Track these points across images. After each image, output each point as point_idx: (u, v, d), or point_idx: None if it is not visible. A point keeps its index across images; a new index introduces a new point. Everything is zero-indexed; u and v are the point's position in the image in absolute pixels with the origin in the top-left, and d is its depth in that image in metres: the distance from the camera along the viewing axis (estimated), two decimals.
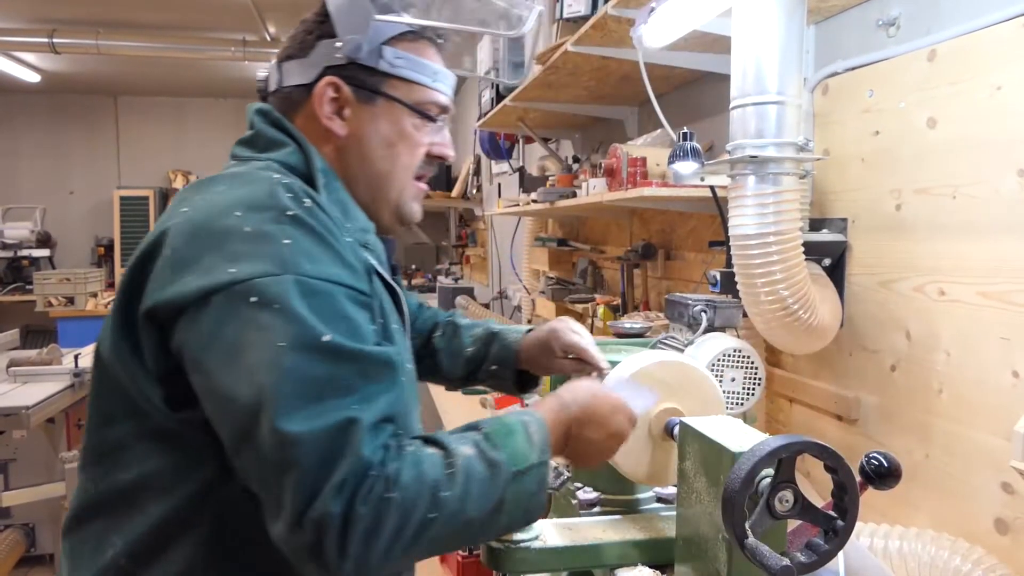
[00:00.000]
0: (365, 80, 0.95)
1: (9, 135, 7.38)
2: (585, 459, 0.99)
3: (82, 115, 7.55)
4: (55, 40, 5.00)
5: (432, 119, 1.00)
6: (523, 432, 0.87)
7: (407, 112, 0.98)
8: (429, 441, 0.84)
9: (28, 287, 6.60)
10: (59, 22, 5.03)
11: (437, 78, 0.99)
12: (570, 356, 1.21)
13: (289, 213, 0.81)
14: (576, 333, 1.20)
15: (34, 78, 6.46)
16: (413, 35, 0.97)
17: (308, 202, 0.83)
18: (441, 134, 1.03)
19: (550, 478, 0.89)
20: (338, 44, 0.93)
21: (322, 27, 0.95)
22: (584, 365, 1.19)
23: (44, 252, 7.08)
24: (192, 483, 0.85)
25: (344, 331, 0.78)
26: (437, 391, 2.75)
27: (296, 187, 0.85)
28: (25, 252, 6.96)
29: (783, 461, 0.80)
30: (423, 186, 1.04)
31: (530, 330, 1.27)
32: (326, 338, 0.76)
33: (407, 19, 0.95)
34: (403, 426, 0.86)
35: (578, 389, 0.99)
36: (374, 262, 0.92)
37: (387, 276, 0.95)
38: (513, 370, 1.27)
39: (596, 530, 1.12)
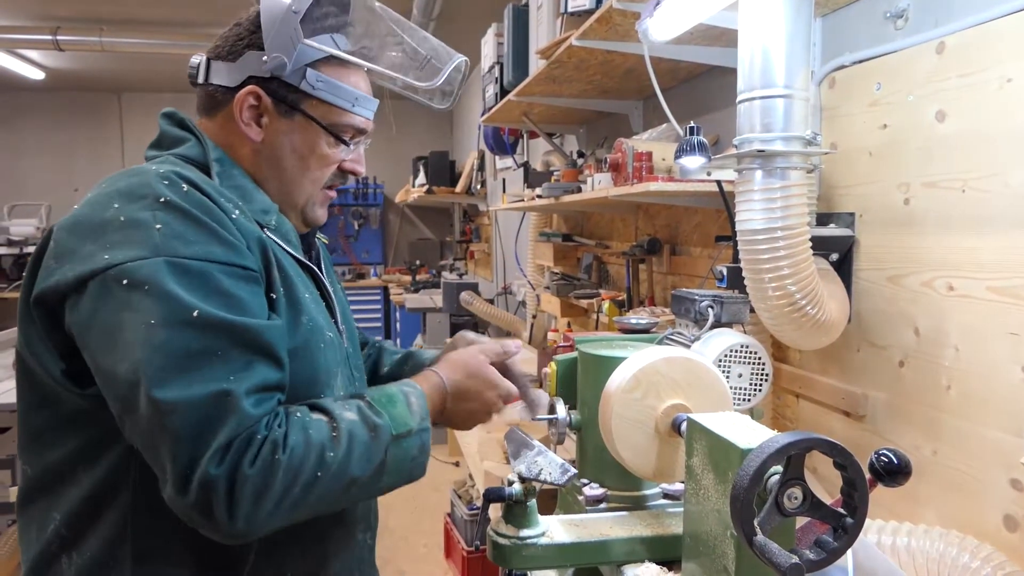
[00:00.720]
0: (286, 95, 1.00)
1: (14, 132, 7.41)
2: (459, 426, 1.11)
3: (86, 112, 7.57)
4: (59, 37, 5.01)
5: (345, 142, 1.05)
6: (404, 400, 0.97)
7: (323, 132, 1.03)
8: (315, 408, 0.91)
9: None
10: (63, 19, 5.03)
11: (357, 103, 1.04)
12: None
13: (162, 200, 0.86)
14: (474, 340, 1.23)
15: (38, 75, 6.47)
16: (329, 58, 1.01)
17: (185, 187, 0.88)
18: (355, 152, 1.09)
19: (429, 443, 0.98)
20: (264, 58, 0.98)
21: (252, 36, 1.00)
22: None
23: None
24: (112, 454, 0.91)
25: (219, 305, 0.83)
26: None
27: (175, 175, 0.89)
28: (31, 248, 6.97)
29: (792, 458, 0.79)
30: (332, 194, 1.10)
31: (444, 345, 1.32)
32: (195, 312, 0.81)
33: (329, 49, 1.00)
34: (312, 392, 0.96)
35: (456, 365, 1.08)
36: (277, 239, 0.99)
37: (296, 253, 1.02)
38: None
39: (603, 526, 1.12)
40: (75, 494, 0.93)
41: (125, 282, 0.82)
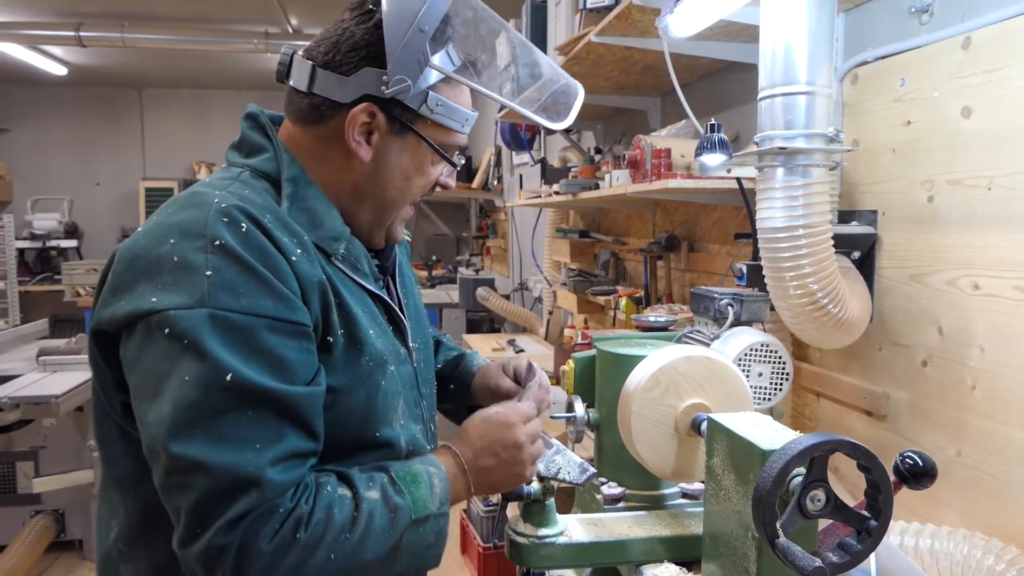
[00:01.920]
0: (401, 115, 0.95)
1: (37, 127, 7.50)
2: (495, 485, 1.01)
3: (108, 107, 7.65)
4: (81, 33, 5.06)
5: (453, 164, 1.03)
6: (427, 482, 0.91)
7: (431, 152, 0.99)
8: (342, 479, 0.88)
9: (56, 277, 6.72)
10: (85, 16, 5.09)
11: (466, 124, 1.00)
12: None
13: (217, 243, 0.82)
14: (502, 387, 1.21)
15: (61, 71, 6.54)
16: (447, 80, 0.97)
17: (244, 226, 0.84)
18: (450, 168, 1.05)
19: (447, 531, 0.93)
20: (385, 78, 0.92)
21: (370, 50, 0.92)
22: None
23: (72, 243, 7.20)
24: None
25: (258, 367, 0.80)
26: None
27: (237, 210, 0.85)
28: (53, 243, 7.08)
29: (815, 460, 0.79)
30: (411, 210, 1.07)
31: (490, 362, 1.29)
32: (229, 376, 0.78)
33: (461, 78, 0.96)
34: (367, 426, 0.94)
35: (482, 438, 1.00)
36: (345, 269, 0.96)
37: (365, 283, 0.98)
38: (465, 393, 1.27)
39: (621, 526, 1.12)
40: (131, 510, 0.93)
41: (167, 331, 0.79)
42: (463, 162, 1.09)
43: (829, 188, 1.34)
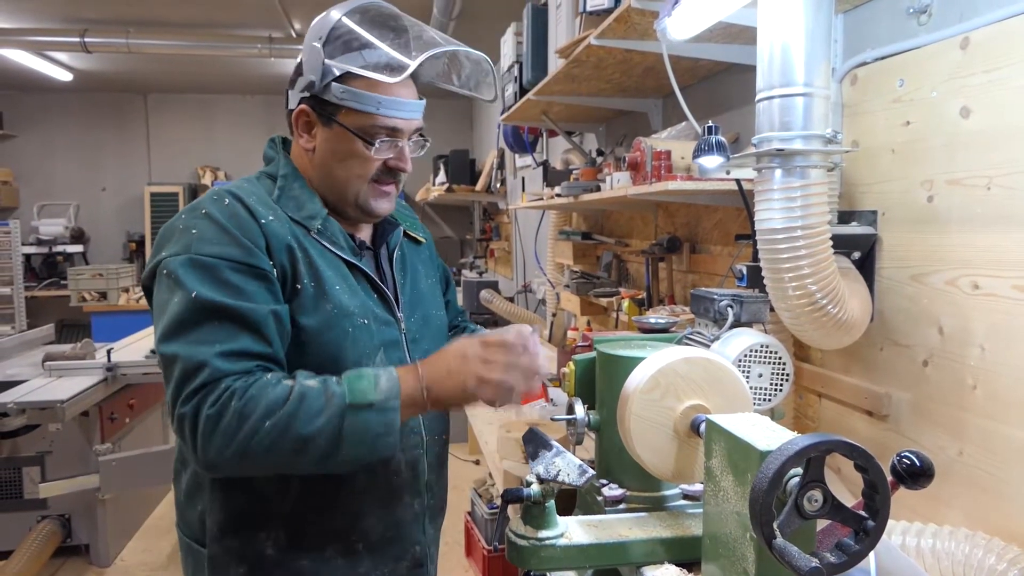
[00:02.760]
0: (323, 109, 1.21)
1: (43, 133, 7.54)
2: (445, 388, 1.12)
3: (113, 113, 7.68)
4: (87, 39, 5.09)
5: (370, 143, 1.21)
6: (371, 378, 1.09)
7: (353, 135, 1.21)
8: (290, 376, 1.09)
9: (62, 282, 6.75)
10: (90, 22, 5.11)
11: (380, 107, 1.19)
12: None
13: (203, 211, 1.14)
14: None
15: (66, 77, 6.58)
16: (366, 69, 1.18)
17: (227, 200, 1.15)
18: (396, 150, 1.24)
19: (396, 424, 1.07)
20: (302, 80, 1.21)
21: (300, 65, 1.22)
22: None
23: (78, 248, 7.23)
24: None
25: (219, 291, 1.07)
26: None
27: (226, 192, 1.17)
28: (59, 248, 7.11)
29: (812, 460, 0.79)
30: (385, 188, 1.27)
31: None
32: (194, 294, 1.07)
33: (345, 66, 1.18)
34: (338, 369, 1.12)
35: (443, 351, 1.17)
36: (324, 243, 1.21)
37: (339, 252, 1.22)
38: None
39: (622, 527, 1.12)
40: (189, 470, 1.26)
41: (165, 272, 1.10)
42: (412, 142, 1.27)
43: (828, 189, 1.34)
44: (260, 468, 1.09)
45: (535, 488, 1.05)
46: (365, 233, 1.35)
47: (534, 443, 1.13)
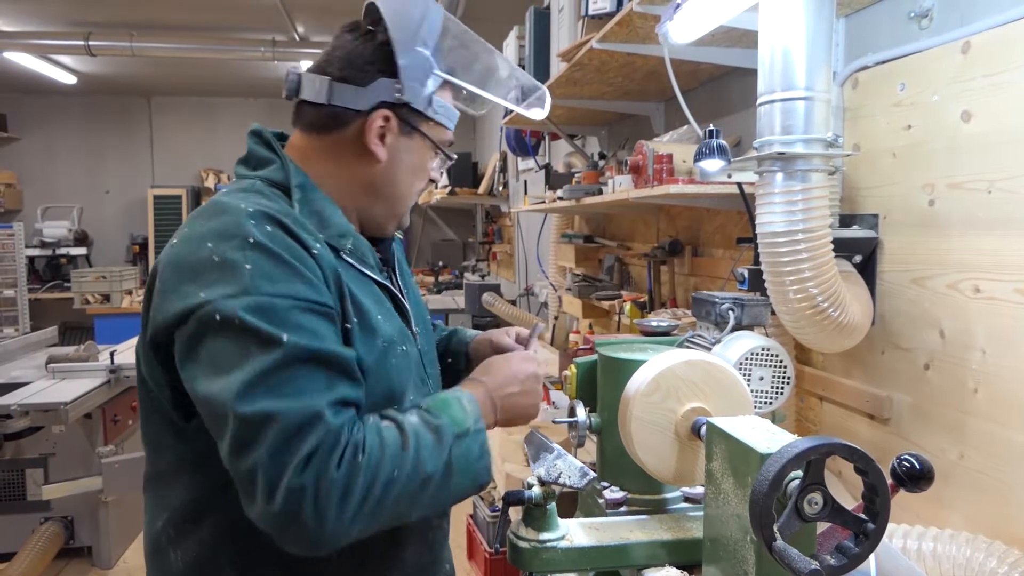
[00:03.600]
0: (410, 118, 1.08)
1: (47, 136, 7.57)
2: (518, 412, 1.12)
3: (117, 116, 7.71)
4: (90, 43, 5.11)
5: (450, 157, 1.16)
6: (457, 404, 1.01)
7: (433, 149, 1.13)
8: (383, 416, 0.97)
9: (66, 284, 6.77)
10: (94, 25, 5.14)
11: (454, 121, 1.14)
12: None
13: (251, 240, 0.92)
14: (501, 345, 1.34)
15: (70, 80, 6.60)
16: (445, 84, 1.10)
17: (270, 227, 0.95)
18: (439, 163, 1.18)
19: (488, 445, 1.01)
20: (398, 86, 1.06)
21: (384, 65, 1.06)
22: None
23: (81, 250, 7.25)
24: (215, 464, 0.93)
25: (301, 336, 0.90)
26: None
27: (262, 213, 0.95)
28: (63, 250, 7.13)
29: (812, 463, 0.79)
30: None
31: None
32: (284, 338, 0.88)
33: (462, 83, 1.11)
34: (388, 404, 1.02)
35: (486, 365, 1.14)
36: (356, 263, 1.06)
37: (373, 274, 1.08)
38: (464, 362, 1.39)
39: (623, 530, 1.12)
40: (182, 496, 1.02)
41: (218, 318, 0.88)
42: (456, 157, 1.21)
43: (829, 192, 1.34)
44: (380, 526, 0.93)
45: (536, 490, 1.06)
46: None
47: (535, 445, 1.14)
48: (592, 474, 1.06)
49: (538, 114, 1.20)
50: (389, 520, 0.92)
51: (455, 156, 1.17)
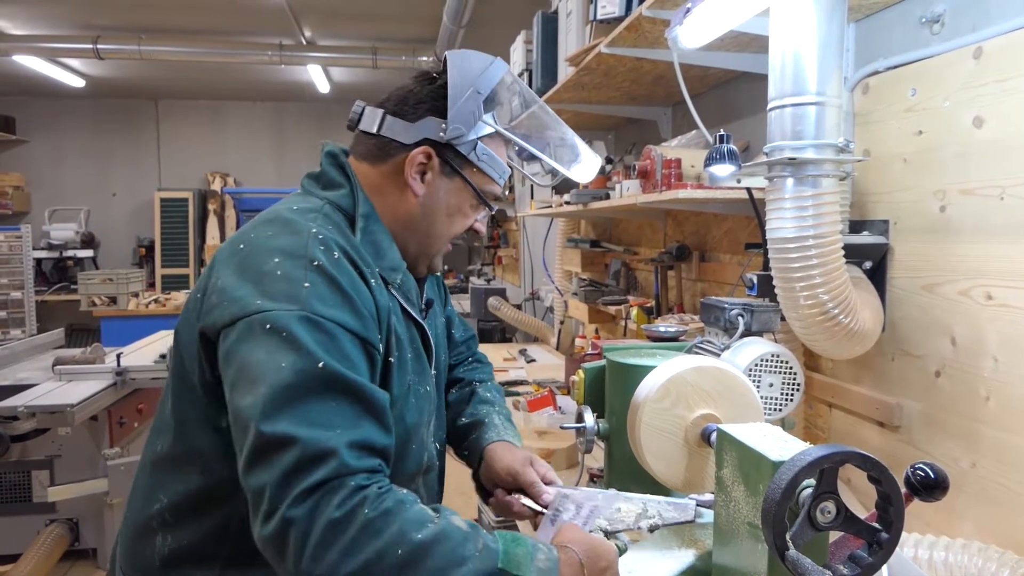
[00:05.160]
0: (452, 159, 1.11)
1: (55, 138, 7.60)
2: None
3: (124, 118, 7.74)
4: (99, 46, 5.14)
5: (489, 207, 1.17)
6: (530, 550, 0.89)
7: (473, 195, 1.14)
8: (430, 505, 0.89)
9: (73, 287, 6.78)
10: (103, 28, 5.16)
11: (503, 175, 1.15)
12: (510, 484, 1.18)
13: (315, 263, 0.95)
14: (531, 471, 1.17)
15: (79, 83, 6.63)
16: (497, 134, 1.12)
17: (337, 254, 0.98)
18: (484, 214, 1.19)
19: None
20: (444, 126, 1.09)
21: (434, 103, 1.10)
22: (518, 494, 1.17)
23: (88, 253, 7.27)
24: (228, 469, 0.94)
25: (342, 364, 0.90)
26: None
27: (330, 240, 0.99)
28: (70, 253, 7.15)
29: (825, 471, 0.78)
30: (449, 246, 1.20)
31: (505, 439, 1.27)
32: (321, 364, 0.88)
33: (510, 135, 1.13)
34: (402, 441, 1.01)
35: (590, 545, 0.96)
36: (400, 299, 1.08)
37: (413, 312, 1.10)
38: (476, 464, 1.26)
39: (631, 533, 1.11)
40: (195, 483, 1.02)
41: (268, 327, 0.89)
42: (495, 209, 1.21)
43: (839, 198, 1.33)
44: None
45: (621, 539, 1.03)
46: None
47: (564, 502, 1.08)
48: (690, 502, 1.04)
49: (583, 178, 1.23)
50: None
51: (495, 207, 1.18)
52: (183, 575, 1.03)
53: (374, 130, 1.10)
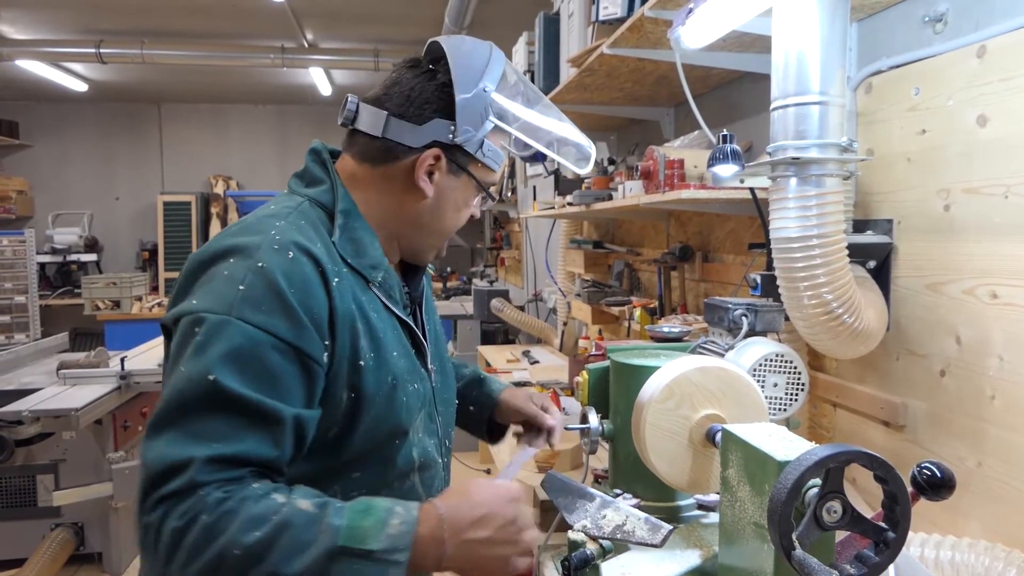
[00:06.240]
0: (459, 159, 1.10)
1: (58, 143, 7.62)
2: (480, 565, 0.90)
3: (127, 122, 7.76)
4: (101, 50, 5.15)
5: (493, 198, 1.19)
6: (381, 516, 0.86)
7: (477, 189, 1.15)
8: (288, 489, 0.88)
9: (76, 291, 6.80)
10: (105, 32, 5.17)
11: (500, 164, 1.15)
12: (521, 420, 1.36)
13: (260, 265, 0.93)
14: (531, 406, 1.35)
15: (82, 87, 6.65)
16: (496, 128, 1.11)
17: (292, 254, 0.95)
18: (479, 198, 1.19)
19: None
20: (453, 127, 1.08)
21: (440, 105, 1.08)
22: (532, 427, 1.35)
23: (91, 257, 7.29)
24: None
25: (249, 377, 0.88)
26: None
27: (288, 241, 0.96)
28: (74, 257, 7.17)
29: (831, 471, 0.78)
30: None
31: (510, 384, 1.43)
32: (211, 377, 0.86)
33: (514, 131, 1.12)
34: (393, 435, 1.05)
35: (460, 491, 0.93)
36: (382, 297, 1.07)
37: (396, 309, 1.10)
38: (489, 415, 1.39)
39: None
40: None
41: (197, 329, 0.90)
42: (497, 199, 1.23)
43: (843, 198, 1.33)
44: None
45: (591, 547, 0.98)
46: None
47: (560, 491, 1.09)
48: (667, 527, 1.00)
49: (582, 169, 1.25)
50: None
51: (497, 197, 1.20)
52: None
53: (378, 133, 1.08)
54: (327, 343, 0.96)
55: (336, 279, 0.98)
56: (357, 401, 0.99)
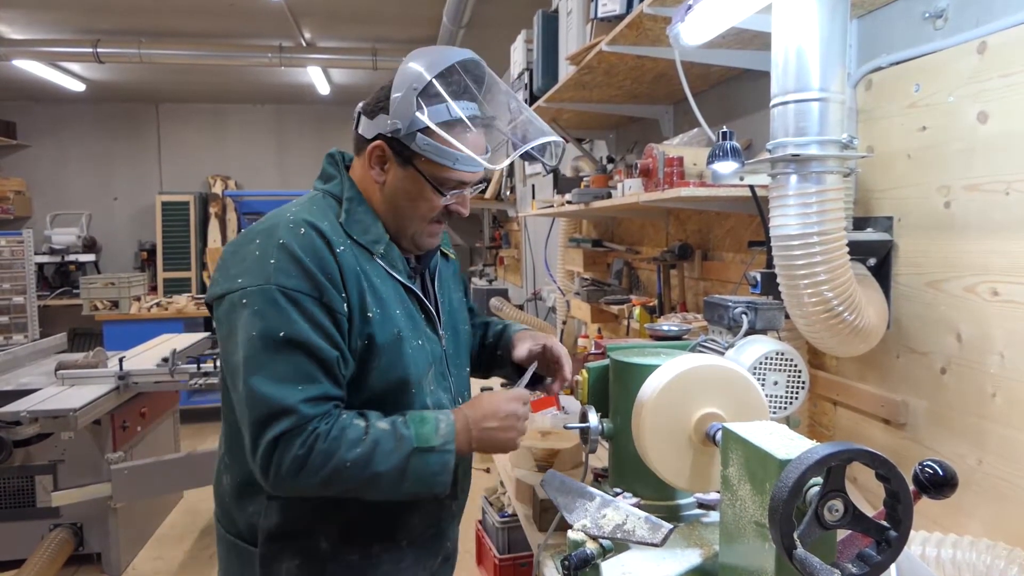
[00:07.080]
0: (402, 151, 1.24)
1: (56, 143, 7.60)
2: (494, 442, 1.25)
3: (125, 122, 7.74)
4: (99, 50, 5.14)
5: (442, 193, 1.27)
6: (433, 423, 1.19)
7: (425, 181, 1.25)
8: (362, 415, 1.17)
9: (75, 291, 6.79)
10: (103, 32, 5.16)
11: (458, 162, 1.24)
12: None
13: (280, 242, 1.16)
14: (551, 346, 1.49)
15: (79, 87, 6.63)
16: (450, 123, 1.21)
17: (303, 230, 1.17)
18: (460, 197, 1.31)
19: (451, 464, 1.18)
20: (389, 121, 1.22)
21: (386, 102, 1.24)
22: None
23: (90, 257, 7.27)
24: None
25: (303, 326, 1.13)
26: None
27: (300, 220, 1.19)
28: (72, 257, 7.15)
29: (833, 469, 0.77)
30: (437, 227, 1.33)
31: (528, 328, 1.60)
32: (282, 333, 1.12)
33: (426, 120, 1.20)
34: (404, 384, 1.23)
35: (475, 400, 1.28)
36: (385, 266, 1.26)
37: (399, 276, 1.28)
38: (509, 352, 1.53)
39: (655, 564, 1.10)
40: (231, 430, 1.27)
41: (244, 301, 1.14)
42: (474, 191, 1.33)
43: (843, 195, 1.33)
44: (336, 495, 1.16)
45: (591, 547, 0.99)
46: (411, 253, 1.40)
47: (560, 490, 1.10)
48: (668, 526, 1.01)
49: (546, 165, 1.38)
50: (342, 492, 1.15)
51: (447, 193, 1.27)
52: (254, 502, 1.26)
53: (353, 127, 1.28)
54: (343, 295, 1.17)
55: (341, 247, 1.18)
56: (369, 347, 1.20)
